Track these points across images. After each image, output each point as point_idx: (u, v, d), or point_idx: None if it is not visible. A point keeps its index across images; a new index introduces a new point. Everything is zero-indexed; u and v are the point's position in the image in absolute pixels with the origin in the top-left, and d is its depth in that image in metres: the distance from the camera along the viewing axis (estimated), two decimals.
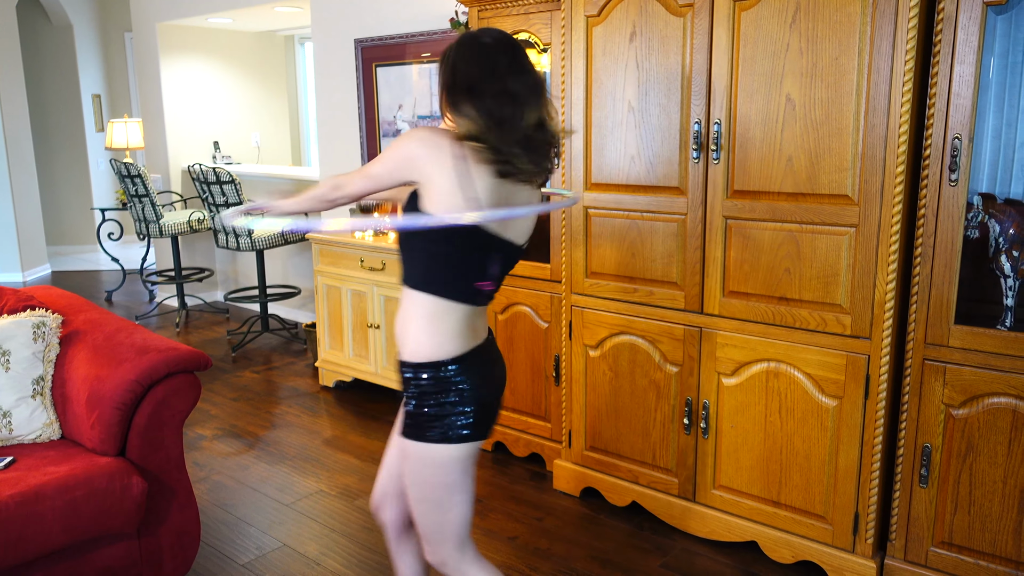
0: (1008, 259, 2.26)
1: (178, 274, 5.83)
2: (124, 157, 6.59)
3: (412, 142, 1.61)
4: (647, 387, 2.83)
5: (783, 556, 2.60)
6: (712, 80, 2.50)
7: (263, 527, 2.92)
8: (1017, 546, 2.23)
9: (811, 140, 2.34)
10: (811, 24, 2.28)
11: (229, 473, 3.36)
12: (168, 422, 2.32)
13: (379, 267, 3.94)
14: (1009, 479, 2.22)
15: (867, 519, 2.42)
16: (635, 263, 2.79)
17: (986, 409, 2.22)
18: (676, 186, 2.64)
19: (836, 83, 2.27)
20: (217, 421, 3.94)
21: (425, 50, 4.19)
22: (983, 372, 2.21)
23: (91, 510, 2.11)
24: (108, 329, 2.49)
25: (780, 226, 2.44)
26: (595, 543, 2.79)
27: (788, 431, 2.53)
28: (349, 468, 3.40)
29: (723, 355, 2.62)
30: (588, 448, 3.05)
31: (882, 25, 2.17)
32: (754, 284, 2.53)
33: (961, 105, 2.14)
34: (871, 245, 2.28)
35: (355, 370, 4.21)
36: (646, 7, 2.61)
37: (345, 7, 4.53)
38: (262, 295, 5.26)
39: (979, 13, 2.08)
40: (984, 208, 2.30)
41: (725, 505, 2.71)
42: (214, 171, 4.70)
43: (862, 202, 2.28)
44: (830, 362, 2.41)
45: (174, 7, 5.75)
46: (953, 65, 2.13)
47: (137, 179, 5.39)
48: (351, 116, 4.64)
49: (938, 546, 2.36)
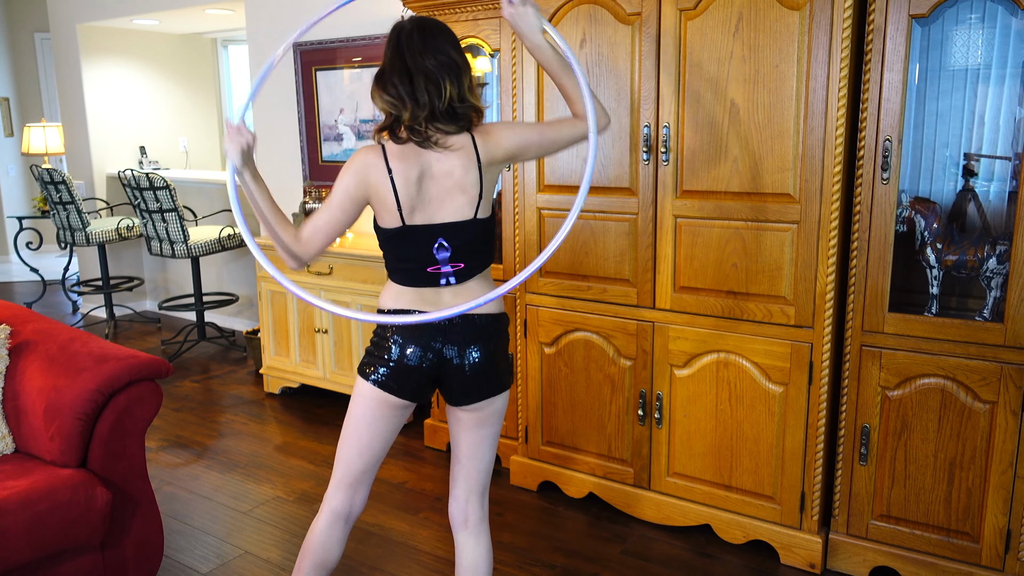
0: (933, 251, 2.46)
1: (106, 283, 5.64)
2: (43, 163, 6.33)
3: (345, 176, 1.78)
4: (602, 381, 2.93)
5: (735, 537, 2.74)
6: (660, 85, 2.62)
7: (222, 536, 2.88)
8: (947, 515, 2.43)
9: (755, 142, 2.48)
10: (753, 33, 2.43)
11: (180, 484, 3.30)
12: (130, 431, 2.28)
13: (326, 271, 3.93)
14: (939, 454, 2.41)
15: (812, 497, 2.58)
16: (588, 261, 2.88)
17: (918, 390, 2.41)
18: (627, 187, 2.75)
19: (777, 89, 2.42)
20: (161, 432, 3.85)
21: (367, 54, 4.20)
22: (915, 355, 2.39)
23: (56, 523, 2.06)
24: (61, 339, 2.43)
25: (727, 224, 2.58)
26: (556, 534, 2.87)
27: (738, 418, 2.67)
28: (304, 473, 3.39)
29: (675, 348, 2.75)
30: (545, 443, 3.13)
31: (818, 35, 2.33)
32: (704, 279, 2.66)
33: (891, 109, 2.32)
34: (812, 240, 2.44)
35: (302, 376, 4.18)
36: (595, 15, 2.71)
37: (282, 10, 4.50)
38: (198, 303, 5.15)
39: (905, 24, 2.26)
40: (910, 204, 2.49)
41: (679, 491, 2.84)
42: (147, 176, 4.58)
43: (803, 200, 2.44)
44: (776, 351, 2.56)
45: (96, 8, 5.57)
46: (883, 72, 2.31)
47: (61, 185, 5.19)
48: (290, 121, 4.61)
49: (878, 519, 2.54)
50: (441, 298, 1.85)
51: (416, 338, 1.83)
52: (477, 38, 3.20)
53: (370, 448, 1.90)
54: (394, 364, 1.84)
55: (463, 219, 1.82)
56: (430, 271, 1.82)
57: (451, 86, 1.76)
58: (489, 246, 1.90)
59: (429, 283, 1.83)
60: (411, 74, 1.75)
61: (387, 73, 1.77)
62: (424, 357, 1.83)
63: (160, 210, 4.70)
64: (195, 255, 4.85)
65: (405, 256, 1.83)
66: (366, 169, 1.78)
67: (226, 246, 4.98)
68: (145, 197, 4.68)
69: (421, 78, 1.74)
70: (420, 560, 2.71)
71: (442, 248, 1.81)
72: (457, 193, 1.80)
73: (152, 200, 4.68)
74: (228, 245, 4.99)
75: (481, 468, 1.99)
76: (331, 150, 4.47)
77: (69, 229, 5.38)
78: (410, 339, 1.83)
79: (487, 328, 1.88)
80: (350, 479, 1.92)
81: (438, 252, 1.81)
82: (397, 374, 1.84)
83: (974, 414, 2.34)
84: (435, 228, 1.80)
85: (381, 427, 1.89)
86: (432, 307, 1.84)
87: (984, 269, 2.39)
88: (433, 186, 1.79)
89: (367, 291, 3.78)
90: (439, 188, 1.79)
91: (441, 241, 1.80)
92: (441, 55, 1.77)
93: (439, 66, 1.75)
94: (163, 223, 4.75)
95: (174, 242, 4.79)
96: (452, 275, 1.83)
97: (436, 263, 1.81)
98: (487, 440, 1.97)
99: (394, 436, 1.94)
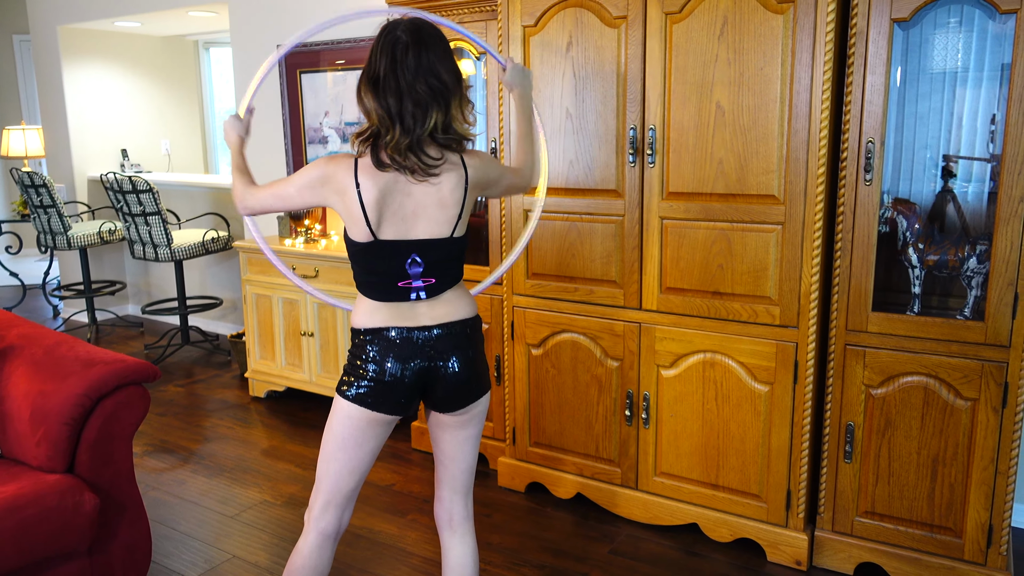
0: (915, 251, 2.50)
1: (88, 288, 5.59)
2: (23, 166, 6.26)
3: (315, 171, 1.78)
4: (589, 382, 2.95)
5: (722, 535, 2.77)
6: (646, 88, 2.64)
7: (209, 540, 2.87)
8: (931, 511, 2.46)
9: (740, 144, 2.51)
10: (738, 36, 2.46)
11: (166, 489, 3.27)
12: (118, 436, 2.27)
13: (312, 274, 3.92)
14: (922, 450, 2.45)
15: (798, 495, 2.61)
16: (575, 263, 2.90)
17: (901, 387, 2.45)
18: (614, 189, 2.77)
19: (762, 91, 2.45)
20: (145, 437, 3.82)
21: (351, 56, 4.19)
22: (898, 354, 2.43)
23: (43, 529, 2.05)
24: (47, 343, 2.41)
25: (713, 225, 2.60)
26: (544, 535, 2.88)
27: (724, 417, 2.69)
28: (291, 477, 3.37)
29: (662, 348, 2.77)
30: (532, 444, 3.14)
31: (802, 38, 2.36)
32: (690, 280, 2.68)
33: (873, 112, 2.35)
34: (796, 241, 2.47)
35: (288, 379, 4.17)
36: (581, 18, 2.73)
37: (266, 13, 4.48)
38: (182, 307, 5.12)
39: (887, 28, 2.30)
40: (892, 205, 2.53)
41: (666, 491, 2.86)
42: (130, 180, 4.55)
43: (787, 201, 2.47)
44: (761, 351, 2.59)
45: (78, 9, 5.52)
46: (866, 75, 2.34)
47: (42, 189, 5.14)
48: (274, 123, 4.59)
49: (862, 516, 2.57)
50: (417, 312, 1.82)
51: (396, 352, 1.80)
52: (463, 40, 3.21)
53: (360, 466, 1.87)
54: (374, 381, 1.80)
55: (439, 237, 1.80)
56: (401, 285, 1.80)
57: (438, 114, 1.72)
58: (461, 263, 1.89)
59: (399, 297, 1.81)
60: (400, 94, 1.70)
61: (380, 82, 1.71)
62: (405, 370, 1.81)
63: (143, 213, 4.67)
64: (179, 259, 4.82)
65: (374, 269, 1.81)
66: (336, 177, 1.74)
67: (210, 249, 4.95)
68: (128, 200, 4.65)
69: (410, 102, 1.70)
70: (409, 562, 2.71)
71: (415, 264, 1.79)
72: (436, 210, 1.78)
73: (135, 203, 4.64)
74: (212, 248, 4.96)
75: (464, 469, 1.99)
76: (316, 152, 4.47)
77: (50, 233, 5.33)
78: (388, 354, 1.80)
79: (466, 334, 1.87)
80: (340, 499, 1.89)
81: (410, 267, 1.79)
82: (378, 390, 1.81)
83: (956, 411, 2.38)
84: (409, 244, 1.78)
85: (370, 444, 1.86)
86: (410, 322, 1.81)
87: (965, 268, 2.43)
88: (409, 202, 1.76)
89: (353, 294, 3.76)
90: (416, 204, 1.77)
91: (415, 257, 1.79)
92: (433, 79, 1.71)
93: (430, 92, 1.71)
94: (146, 227, 4.71)
95: (157, 246, 4.76)
96: (423, 290, 1.81)
97: (407, 277, 1.80)
98: (469, 441, 1.97)
99: (380, 448, 1.92)
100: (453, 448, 1.97)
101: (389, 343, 1.80)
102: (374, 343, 1.81)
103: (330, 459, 1.87)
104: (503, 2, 2.87)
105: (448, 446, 1.97)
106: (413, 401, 1.87)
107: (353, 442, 1.85)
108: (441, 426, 1.95)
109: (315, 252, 3.91)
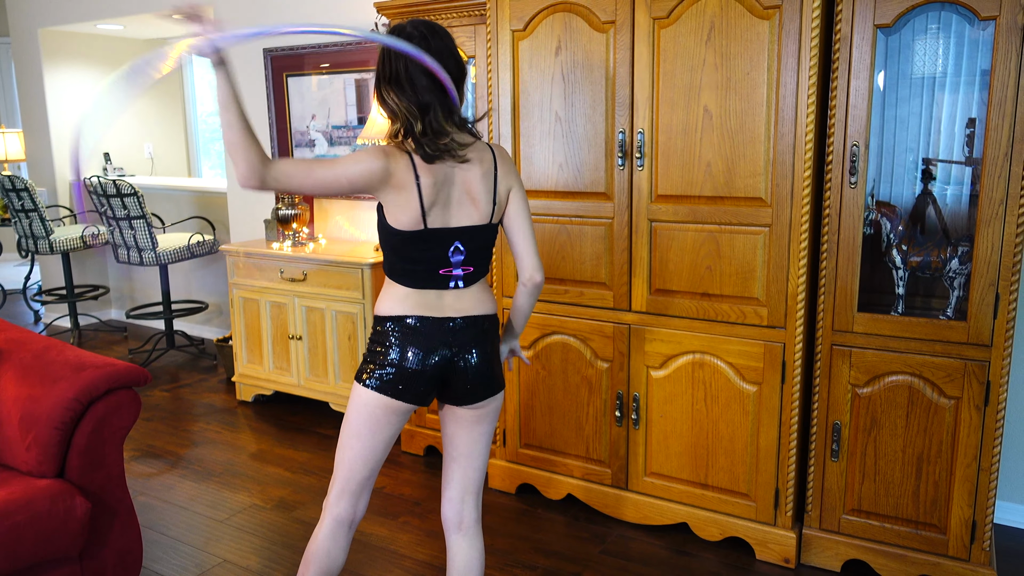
0: (899, 253, 2.54)
1: (70, 292, 5.54)
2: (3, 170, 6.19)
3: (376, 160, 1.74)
4: (579, 384, 2.97)
5: (712, 534, 2.80)
6: (635, 92, 2.67)
7: (199, 545, 2.86)
8: (916, 508, 2.51)
9: (727, 148, 2.54)
10: (725, 41, 2.49)
11: (154, 494, 3.26)
12: (109, 440, 2.26)
13: (300, 277, 3.91)
14: (907, 448, 2.49)
15: (786, 493, 2.64)
16: (565, 265, 2.92)
17: (886, 387, 2.49)
18: (603, 192, 2.80)
19: (749, 95, 2.48)
20: (132, 442, 3.79)
21: (336, 60, 4.19)
22: (883, 353, 2.47)
23: (34, 534, 2.03)
24: (35, 347, 2.40)
25: (701, 227, 2.64)
26: (535, 536, 2.90)
27: (713, 417, 2.72)
28: (281, 481, 3.37)
29: (651, 349, 2.80)
30: (523, 446, 3.16)
31: (788, 43, 2.40)
32: (678, 282, 2.71)
33: (858, 116, 2.40)
34: (783, 243, 2.51)
35: (276, 383, 4.16)
36: (570, 23, 2.76)
37: (253, 16, 4.47)
38: (167, 311, 5.09)
39: (871, 34, 2.34)
40: (876, 208, 2.58)
41: (656, 491, 2.88)
42: (114, 184, 4.52)
43: (774, 204, 2.50)
44: (749, 351, 2.62)
45: (59, 12, 5.48)
46: (850, 80, 2.39)
47: (24, 193, 5.09)
48: (260, 127, 4.58)
49: (849, 513, 2.61)
50: (444, 303, 1.86)
51: (417, 342, 1.83)
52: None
53: (374, 454, 1.89)
54: (395, 369, 1.83)
55: (480, 223, 1.85)
56: (442, 273, 1.84)
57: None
58: (491, 252, 1.95)
59: (438, 285, 1.84)
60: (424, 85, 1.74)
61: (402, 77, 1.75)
62: (426, 360, 1.83)
63: (128, 217, 4.64)
64: (164, 262, 4.79)
65: (418, 258, 1.83)
66: (397, 173, 1.75)
67: (195, 253, 4.93)
68: (112, 204, 4.62)
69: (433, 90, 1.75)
70: (401, 564, 2.71)
71: (457, 251, 1.84)
72: (474, 198, 1.84)
73: (120, 207, 4.61)
74: (197, 252, 4.94)
75: (477, 467, 2.01)
76: (303, 156, 4.46)
77: (32, 237, 5.28)
78: (410, 343, 1.84)
79: (486, 329, 1.91)
80: (354, 486, 1.91)
81: (453, 255, 1.83)
82: (399, 379, 1.83)
83: (940, 409, 2.42)
84: (452, 232, 1.82)
85: (385, 433, 1.88)
86: (435, 312, 1.84)
87: (947, 270, 2.48)
88: (454, 191, 1.82)
89: (342, 297, 3.78)
90: (459, 193, 1.82)
91: (457, 244, 1.83)
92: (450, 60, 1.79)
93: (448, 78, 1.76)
94: (131, 230, 4.68)
95: (142, 249, 4.73)
96: (461, 279, 1.86)
97: (449, 265, 1.84)
98: (483, 438, 1.99)
99: (395, 439, 1.94)
100: (468, 445, 1.99)
101: (412, 331, 1.83)
102: (396, 331, 1.83)
103: (345, 447, 1.90)
104: (492, 7, 2.89)
105: (462, 443, 1.98)
106: (431, 392, 1.89)
107: (367, 430, 1.86)
108: (457, 422, 1.97)
109: (303, 255, 3.90)
